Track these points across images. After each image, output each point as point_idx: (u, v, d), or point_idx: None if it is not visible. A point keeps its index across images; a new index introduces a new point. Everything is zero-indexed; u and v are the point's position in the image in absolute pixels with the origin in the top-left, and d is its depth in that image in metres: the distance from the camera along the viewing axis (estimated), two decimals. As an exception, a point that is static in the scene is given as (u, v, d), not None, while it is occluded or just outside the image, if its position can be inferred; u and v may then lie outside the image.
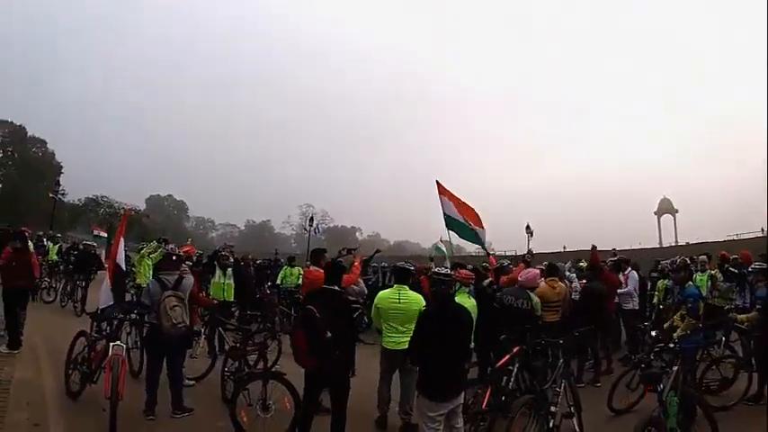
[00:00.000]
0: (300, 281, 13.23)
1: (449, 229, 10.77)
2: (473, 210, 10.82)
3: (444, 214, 10.55)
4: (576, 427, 6.15)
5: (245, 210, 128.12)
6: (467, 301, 6.89)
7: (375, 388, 6.82)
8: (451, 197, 10.77)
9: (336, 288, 5.81)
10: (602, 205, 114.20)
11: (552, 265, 9.54)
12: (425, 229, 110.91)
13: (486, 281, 8.90)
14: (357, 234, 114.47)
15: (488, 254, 11.20)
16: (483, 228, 11.02)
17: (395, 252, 79.58)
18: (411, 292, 6.70)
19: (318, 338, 5.29)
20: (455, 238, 11.71)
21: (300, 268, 15.20)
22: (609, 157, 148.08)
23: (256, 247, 75.75)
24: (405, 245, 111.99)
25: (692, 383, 6.80)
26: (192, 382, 7.94)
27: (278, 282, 15.37)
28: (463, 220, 10.54)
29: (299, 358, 5.58)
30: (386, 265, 16.65)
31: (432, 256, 17.11)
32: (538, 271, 8.75)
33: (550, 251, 39.26)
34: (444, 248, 16.20)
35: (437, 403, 4.87)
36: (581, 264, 11.53)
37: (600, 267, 10.29)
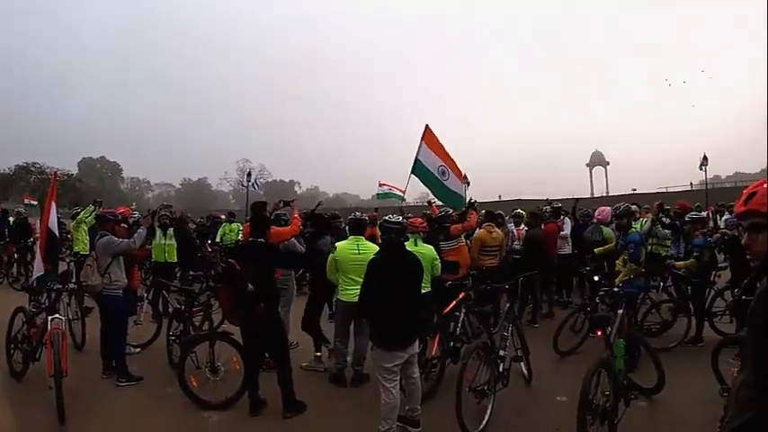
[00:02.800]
0: (240, 236, 13.28)
1: (413, 173, 10.58)
2: (457, 167, 10.60)
3: (417, 159, 10.38)
4: (524, 370, 6.35)
5: (181, 168, 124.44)
6: (423, 247, 6.97)
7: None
8: (437, 147, 10.43)
9: (261, 240, 5.73)
10: (540, 159, 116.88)
11: (489, 212, 9.84)
12: (364, 181, 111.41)
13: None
14: (296, 188, 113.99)
15: (429, 203, 11.16)
16: (464, 183, 11.11)
17: (335, 204, 79.71)
18: (368, 242, 6.71)
19: (240, 293, 5.23)
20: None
21: (240, 224, 15.12)
22: (549, 117, 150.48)
23: (195, 204, 74.50)
24: (344, 197, 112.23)
25: (635, 326, 7.03)
26: (138, 349, 7.75)
27: (218, 239, 15.16)
28: (437, 175, 10.39)
29: (224, 314, 5.55)
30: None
31: (377, 207, 17.04)
32: (609, 209, 9.34)
33: (487, 200, 40.24)
34: (386, 191, 16.14)
35: (392, 353, 4.82)
36: (518, 211, 11.68)
37: (539, 215, 10.75)
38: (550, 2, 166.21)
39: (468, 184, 25.67)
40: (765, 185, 2.13)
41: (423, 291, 5.75)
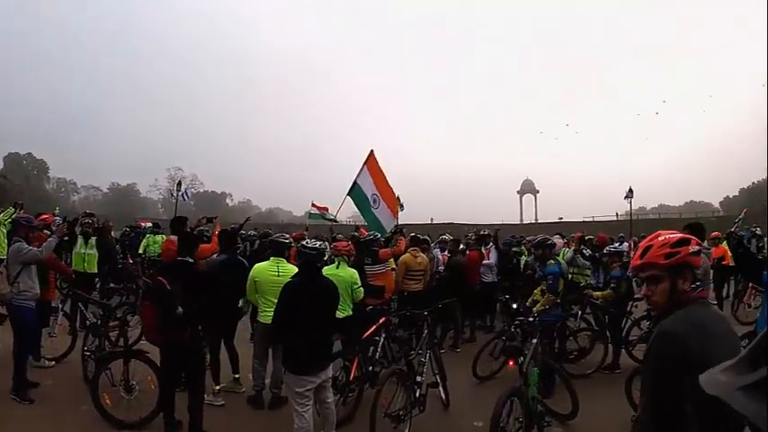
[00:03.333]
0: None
1: (349, 195, 10.71)
2: (393, 195, 10.90)
3: (355, 182, 10.50)
4: (442, 395, 6.41)
5: (109, 171, 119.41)
6: (344, 270, 7.02)
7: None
8: (377, 174, 10.68)
9: (189, 260, 5.59)
10: (474, 185, 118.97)
11: (415, 236, 9.90)
12: (299, 197, 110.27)
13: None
14: (228, 200, 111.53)
15: (358, 227, 11.34)
16: (396, 215, 11.24)
17: (267, 219, 78.75)
18: (289, 264, 6.63)
19: (168, 314, 5.11)
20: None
21: (165, 236, 14.58)
22: (487, 144, 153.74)
23: (122, 210, 72.18)
24: (277, 212, 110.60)
25: (552, 354, 7.25)
26: (52, 362, 7.48)
27: (140, 251, 14.61)
28: (370, 201, 10.53)
29: (146, 333, 5.43)
30: (254, 233, 16.34)
31: (307, 225, 16.98)
32: (561, 241, 10.02)
33: (419, 222, 40.61)
34: (318, 213, 16.16)
35: (303, 378, 4.81)
36: (444, 236, 11.90)
37: (459, 242, 11.20)
38: (464, 50, 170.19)
39: (402, 208, 26.04)
40: (660, 239, 2.28)
41: (342, 315, 5.78)
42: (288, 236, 7.53)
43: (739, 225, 6.06)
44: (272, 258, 6.71)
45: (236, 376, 7.00)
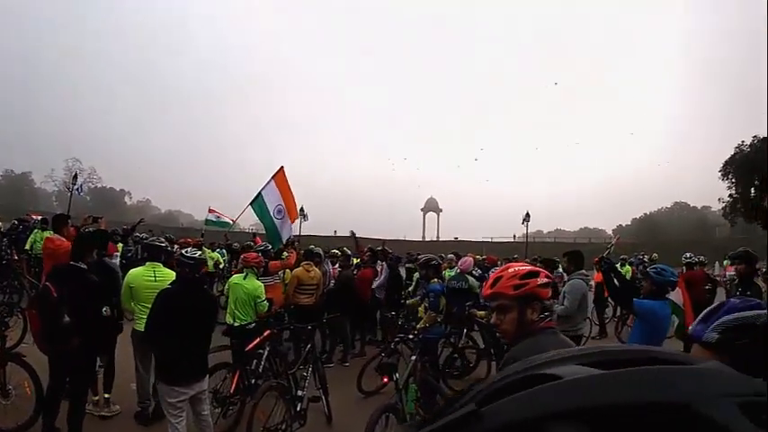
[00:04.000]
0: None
1: (251, 205, 10.81)
2: (296, 210, 11.14)
3: (260, 193, 10.53)
4: (325, 410, 6.44)
5: (3, 157, 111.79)
6: (250, 282, 7.13)
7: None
8: (284, 188, 10.91)
9: (81, 265, 5.32)
10: (381, 200, 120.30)
11: (309, 250, 9.90)
12: (201, 200, 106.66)
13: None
14: (126, 198, 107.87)
15: (254, 234, 11.39)
16: (296, 218, 11.65)
17: (166, 222, 76.48)
18: (166, 268, 6.37)
19: (54, 323, 4.92)
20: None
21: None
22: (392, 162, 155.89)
23: (13, 200, 68.10)
24: (177, 214, 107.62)
25: (435, 370, 7.42)
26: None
27: (27, 247, 13.45)
28: (272, 213, 10.61)
29: (35, 340, 5.21)
30: (146, 236, 15.90)
31: (203, 231, 16.69)
32: (471, 259, 10.05)
33: (322, 234, 40.67)
34: (215, 219, 15.98)
35: (176, 389, 4.75)
36: (334, 251, 12.00)
37: (349, 256, 11.00)
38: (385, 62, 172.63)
39: (306, 218, 26.12)
40: (510, 270, 2.45)
41: (246, 325, 5.81)
42: (164, 240, 7.35)
43: (611, 251, 6.43)
44: (147, 263, 6.49)
45: (106, 396, 6.44)
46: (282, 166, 11.10)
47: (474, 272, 10.52)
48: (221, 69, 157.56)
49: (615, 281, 5.60)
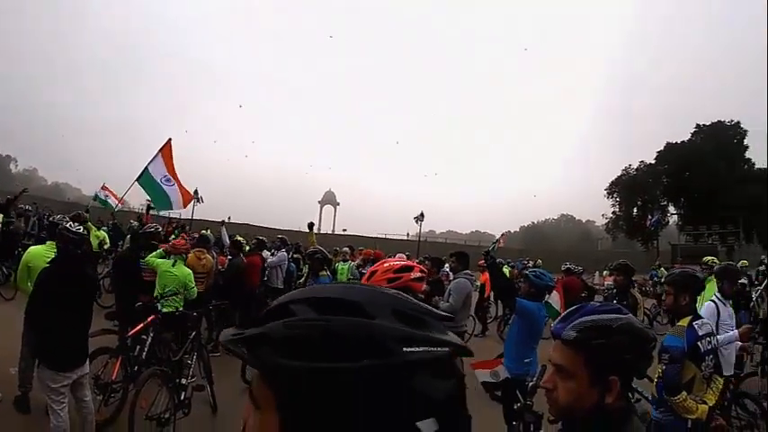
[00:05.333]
0: None
1: (138, 181, 10.40)
2: (180, 184, 10.94)
3: (146, 168, 10.19)
4: (210, 399, 6.38)
5: None
6: (180, 268, 7.12)
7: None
8: (170, 161, 10.68)
9: None
10: (280, 189, 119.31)
11: (203, 236, 9.82)
12: (91, 174, 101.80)
13: None
14: (11, 165, 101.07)
15: (150, 207, 11.10)
16: (187, 203, 11.47)
17: (52, 194, 72.54)
18: None
19: None
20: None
21: None
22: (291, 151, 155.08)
23: None
24: (64, 188, 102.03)
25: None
26: None
27: None
28: (161, 183, 10.33)
29: None
30: (29, 208, 15.09)
31: (89, 206, 15.99)
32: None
33: (215, 219, 39.95)
34: (104, 198, 15.41)
35: (59, 373, 4.59)
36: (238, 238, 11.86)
37: (241, 245, 10.95)
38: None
39: (200, 201, 25.43)
40: (385, 265, 2.54)
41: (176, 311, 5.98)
42: (68, 218, 7.09)
43: (494, 248, 6.71)
44: (48, 242, 6.22)
45: None
46: (170, 138, 10.81)
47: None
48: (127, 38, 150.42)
49: (499, 276, 5.86)
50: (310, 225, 11.00)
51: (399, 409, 0.69)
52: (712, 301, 5.44)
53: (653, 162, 59.37)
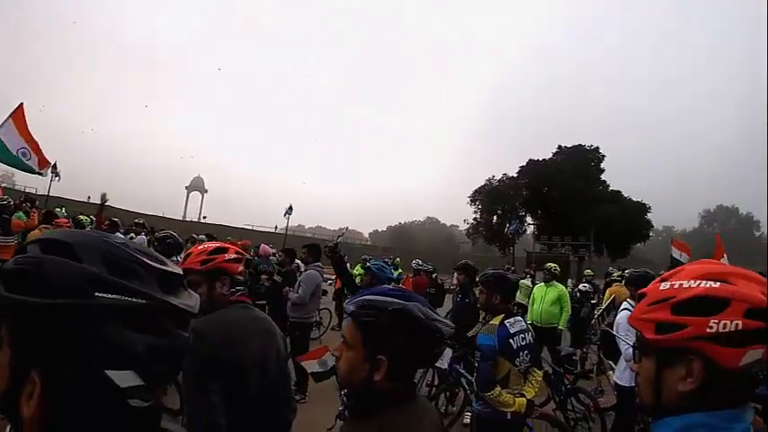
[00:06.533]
0: None
1: None
2: (40, 150, 10.20)
3: None
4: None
5: None
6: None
7: None
8: (23, 129, 9.97)
9: None
10: (149, 175, 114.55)
11: (49, 211, 9.64)
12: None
13: None
14: None
15: None
16: (48, 163, 10.73)
17: None
18: None
19: None
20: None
21: None
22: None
23: None
24: None
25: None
26: None
27: None
28: (18, 155, 9.76)
29: None
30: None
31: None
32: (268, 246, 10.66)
33: (75, 198, 38.07)
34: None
35: None
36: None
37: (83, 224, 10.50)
38: None
39: (58, 177, 24.07)
40: (200, 247, 2.63)
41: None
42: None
43: (338, 242, 6.97)
44: None
45: None
46: (22, 103, 10.15)
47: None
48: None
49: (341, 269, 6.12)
50: (103, 197, 8.86)
51: (86, 352, 0.74)
52: (627, 309, 5.70)
53: (515, 175, 62.80)
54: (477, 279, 5.03)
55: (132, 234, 11.41)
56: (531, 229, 62.06)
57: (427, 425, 1.61)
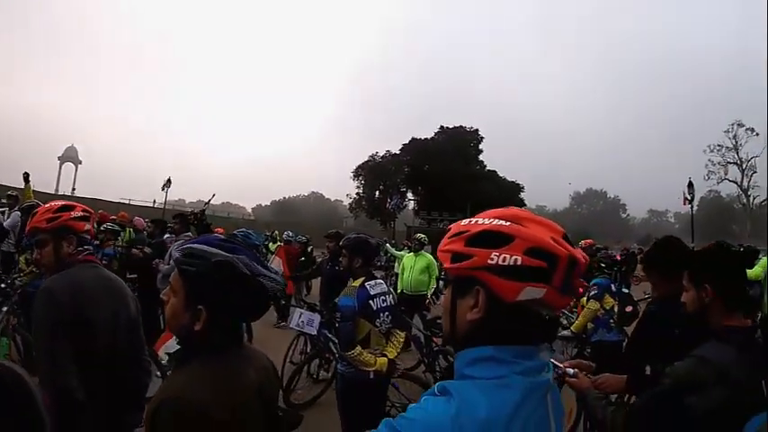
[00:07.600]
0: None
1: None
2: None
3: None
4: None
5: None
6: None
7: None
8: None
9: None
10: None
11: None
12: None
13: None
14: None
15: None
16: None
17: None
18: None
19: None
20: None
21: None
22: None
23: None
24: None
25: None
26: None
27: None
28: None
29: None
30: None
31: None
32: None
33: None
34: None
35: None
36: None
37: None
38: None
39: None
40: (46, 206, 2.56)
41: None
42: None
43: (205, 206, 6.71)
44: None
45: None
46: None
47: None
48: None
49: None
50: (25, 176, 9.26)
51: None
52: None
53: (398, 152, 64.51)
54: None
55: (6, 209, 10.03)
56: (411, 205, 63.99)
57: (252, 372, 1.66)
